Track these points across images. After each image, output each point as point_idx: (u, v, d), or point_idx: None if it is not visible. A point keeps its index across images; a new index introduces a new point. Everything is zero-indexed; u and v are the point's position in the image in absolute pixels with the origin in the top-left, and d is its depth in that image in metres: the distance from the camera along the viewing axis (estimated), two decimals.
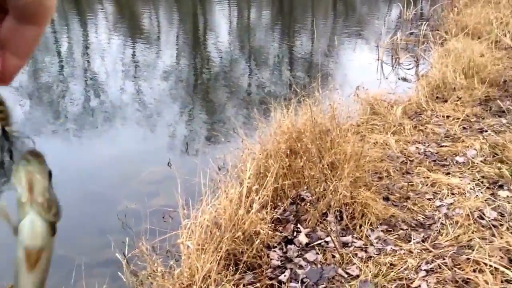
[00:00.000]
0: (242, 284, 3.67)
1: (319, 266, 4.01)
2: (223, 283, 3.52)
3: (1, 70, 0.60)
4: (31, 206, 0.73)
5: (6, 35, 0.59)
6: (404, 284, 3.70)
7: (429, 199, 4.94)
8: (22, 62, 0.62)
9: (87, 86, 10.35)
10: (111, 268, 4.00)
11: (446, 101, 7.97)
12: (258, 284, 3.74)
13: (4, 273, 3.86)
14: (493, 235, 4.17)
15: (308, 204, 4.67)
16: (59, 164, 6.23)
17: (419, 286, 3.64)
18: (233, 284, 3.58)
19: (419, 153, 6.08)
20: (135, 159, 6.81)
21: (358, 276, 3.85)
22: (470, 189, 5.01)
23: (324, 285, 3.77)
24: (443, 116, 7.36)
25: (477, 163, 5.61)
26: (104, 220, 5.16)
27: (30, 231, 0.73)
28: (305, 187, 4.88)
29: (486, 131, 6.60)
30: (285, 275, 3.89)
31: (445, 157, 5.97)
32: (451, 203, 4.79)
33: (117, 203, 5.38)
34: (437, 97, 8.25)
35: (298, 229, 4.47)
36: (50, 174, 0.74)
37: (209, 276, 3.47)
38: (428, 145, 6.33)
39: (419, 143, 6.42)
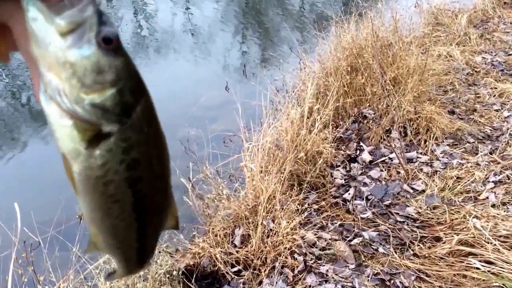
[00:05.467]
0: (306, 204, 3.70)
1: (383, 182, 3.99)
2: (288, 203, 3.55)
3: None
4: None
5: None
6: (471, 196, 3.64)
7: (496, 110, 4.76)
8: None
9: (136, 15, 10.30)
10: (176, 193, 4.09)
11: None
12: (323, 203, 3.76)
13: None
14: None
15: (371, 121, 4.59)
16: None
17: (487, 197, 3.57)
18: (298, 204, 3.60)
19: (485, 63, 5.81)
20: (192, 85, 6.81)
21: (424, 191, 3.81)
22: None
23: (389, 201, 3.75)
24: (511, 23, 6.96)
25: None
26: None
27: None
28: (367, 104, 4.78)
29: None
30: (349, 193, 3.89)
31: None
32: None
33: (178, 130, 5.43)
34: (504, 3, 7.79)
35: (361, 147, 4.42)
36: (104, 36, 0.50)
37: (273, 196, 3.50)
38: (496, 54, 6.03)
39: (486, 52, 6.12)
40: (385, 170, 4.13)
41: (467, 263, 2.96)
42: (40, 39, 0.48)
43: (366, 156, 4.29)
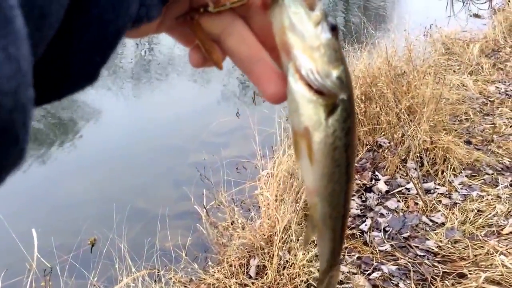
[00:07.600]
0: None
1: (401, 214, 3.89)
2: (303, 234, 3.44)
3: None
4: (288, 61, 0.61)
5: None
6: (494, 230, 3.54)
7: None
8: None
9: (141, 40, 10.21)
10: (188, 219, 4.02)
11: None
12: None
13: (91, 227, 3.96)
14: None
15: (386, 150, 4.51)
16: (129, 120, 6.30)
17: (511, 232, 3.47)
18: None
19: (499, 93, 5.77)
20: (202, 111, 6.73)
21: (443, 223, 3.71)
22: None
23: (408, 233, 3.65)
24: None
25: None
26: (178, 172, 5.15)
27: (288, 102, 0.63)
28: (382, 133, 4.70)
29: None
30: (366, 224, 3.80)
31: None
32: None
33: (189, 155, 5.36)
34: None
35: (377, 177, 4.34)
36: (332, 27, 0.62)
37: (289, 226, 3.41)
38: (509, 84, 5.99)
39: (499, 82, 6.07)
40: (402, 201, 4.03)
41: None
42: (299, 29, 0.60)
43: (382, 186, 4.21)
